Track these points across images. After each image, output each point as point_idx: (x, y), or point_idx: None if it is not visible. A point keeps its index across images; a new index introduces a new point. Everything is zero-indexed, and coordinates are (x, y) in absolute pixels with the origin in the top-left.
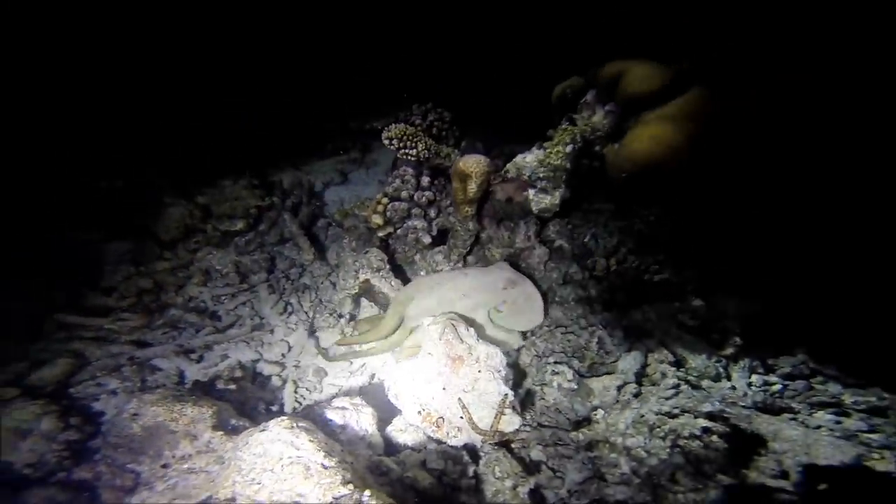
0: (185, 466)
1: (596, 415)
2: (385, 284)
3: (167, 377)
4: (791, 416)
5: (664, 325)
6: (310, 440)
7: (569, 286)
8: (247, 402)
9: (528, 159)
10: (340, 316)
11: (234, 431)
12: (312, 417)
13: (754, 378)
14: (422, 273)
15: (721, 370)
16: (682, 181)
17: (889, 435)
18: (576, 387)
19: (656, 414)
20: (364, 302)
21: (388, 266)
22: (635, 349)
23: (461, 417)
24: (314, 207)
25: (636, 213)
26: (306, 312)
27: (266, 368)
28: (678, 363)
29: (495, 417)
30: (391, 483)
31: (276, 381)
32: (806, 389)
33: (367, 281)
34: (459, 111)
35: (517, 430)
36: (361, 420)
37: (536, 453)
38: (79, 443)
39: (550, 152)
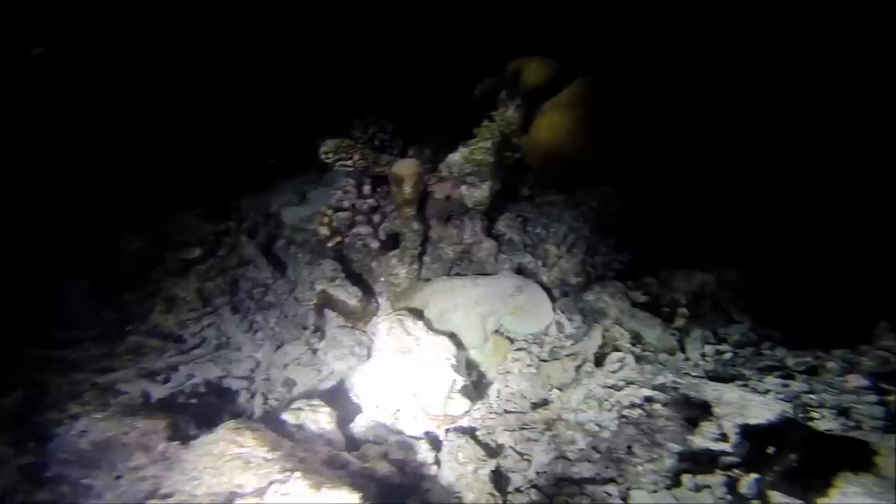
0: (138, 475)
1: (551, 394)
2: (342, 293)
3: (131, 399)
4: (742, 382)
5: (618, 303)
6: (254, 438)
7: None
8: (212, 414)
9: (455, 157)
10: (305, 328)
11: (192, 440)
12: (269, 421)
13: (707, 348)
14: (381, 280)
15: (675, 343)
16: (586, 164)
17: (820, 392)
18: (534, 371)
19: (604, 388)
20: (329, 313)
21: (343, 275)
22: (593, 330)
23: (414, 407)
24: (272, 228)
25: (583, 199)
26: (272, 328)
27: (234, 383)
28: (635, 339)
29: (444, 402)
30: (351, 475)
31: (244, 394)
32: (754, 355)
33: (323, 292)
34: (409, 122)
35: (467, 412)
36: (319, 419)
37: (504, 438)
38: (35, 466)
39: (473, 149)
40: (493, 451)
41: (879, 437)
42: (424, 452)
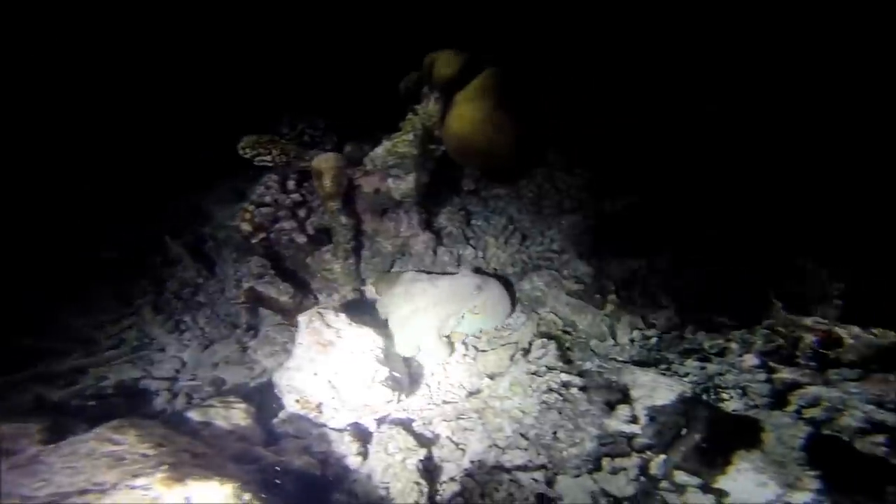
0: None
1: (482, 383)
2: (272, 290)
3: (20, 404)
4: (665, 366)
5: (553, 292)
6: (136, 435)
7: (462, 268)
8: (118, 416)
9: (379, 151)
10: (236, 326)
11: None
12: (173, 420)
13: (635, 333)
14: (318, 275)
15: (606, 329)
16: (496, 153)
17: (726, 373)
18: (472, 361)
19: (527, 374)
20: (264, 312)
21: (272, 272)
22: (529, 319)
23: (335, 400)
24: (203, 227)
25: (522, 192)
26: (201, 328)
27: (154, 384)
28: (569, 327)
29: (359, 392)
30: (262, 469)
31: (165, 395)
32: (677, 339)
33: (251, 289)
34: (348, 118)
35: (390, 402)
36: (232, 415)
37: (441, 428)
38: None
39: (396, 142)
40: (428, 441)
41: (767, 414)
42: (348, 444)
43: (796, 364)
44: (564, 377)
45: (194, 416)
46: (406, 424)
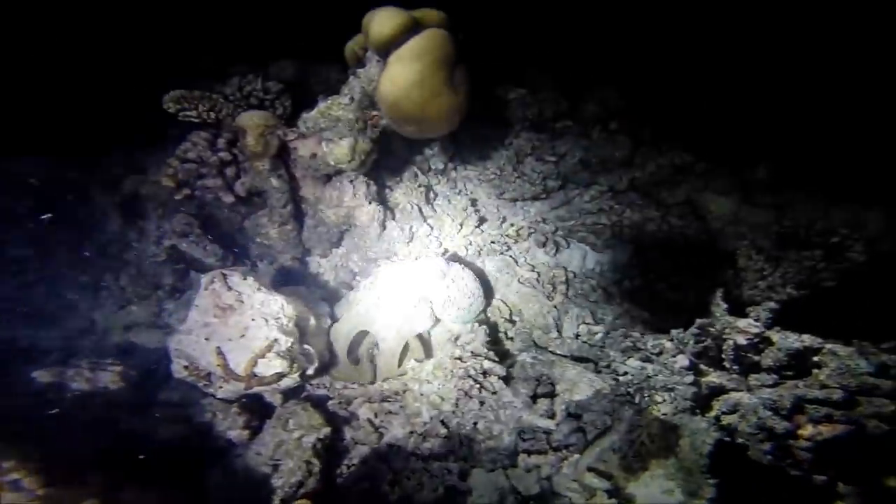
0: None
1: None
2: (198, 250)
3: None
4: (606, 363)
5: (504, 278)
6: None
7: (411, 245)
8: None
9: (312, 113)
10: (157, 287)
11: None
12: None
13: (582, 328)
14: (256, 240)
15: (552, 320)
16: (426, 118)
17: (657, 374)
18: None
19: (451, 358)
20: (193, 274)
21: (197, 231)
22: None
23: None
24: (138, 184)
25: (484, 173)
26: (122, 288)
27: (51, 344)
28: (515, 315)
29: (248, 361)
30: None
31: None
32: (623, 337)
33: (173, 247)
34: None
35: (280, 374)
36: (100, 378)
37: (363, 411)
38: None
39: (331, 104)
40: (342, 421)
41: (689, 419)
42: (234, 417)
43: (723, 368)
44: (487, 364)
45: (42, 377)
46: (318, 402)
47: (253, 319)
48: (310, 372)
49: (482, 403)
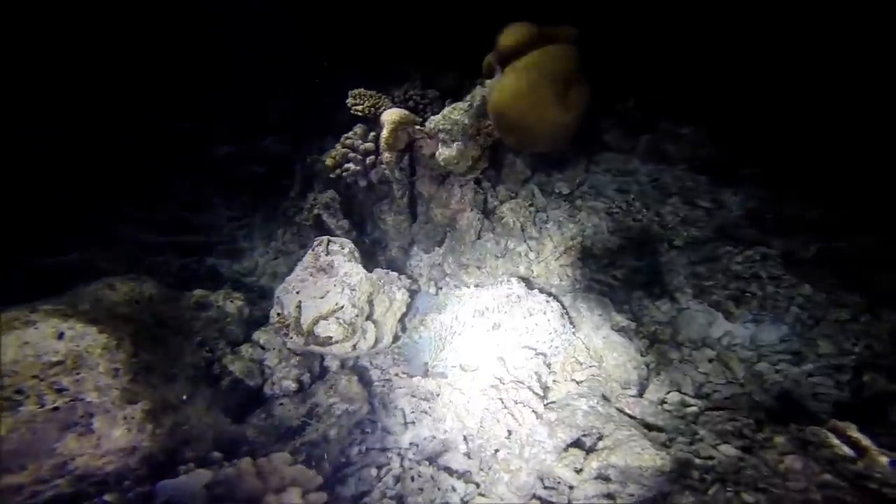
0: None
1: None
2: (332, 221)
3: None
4: (687, 439)
5: (595, 320)
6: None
7: (501, 261)
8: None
9: (437, 116)
10: (302, 246)
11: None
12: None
13: (672, 396)
14: (378, 223)
15: (637, 378)
16: (532, 131)
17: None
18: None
19: (493, 376)
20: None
21: (337, 206)
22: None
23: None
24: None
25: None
26: (284, 242)
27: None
28: (593, 361)
29: (312, 320)
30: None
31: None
32: (726, 421)
33: (318, 216)
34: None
35: (332, 338)
36: (226, 305)
37: (403, 402)
38: None
39: (454, 108)
40: (379, 403)
41: None
42: (290, 367)
43: None
44: (525, 395)
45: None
46: (368, 379)
47: (335, 285)
48: (363, 347)
49: (510, 433)
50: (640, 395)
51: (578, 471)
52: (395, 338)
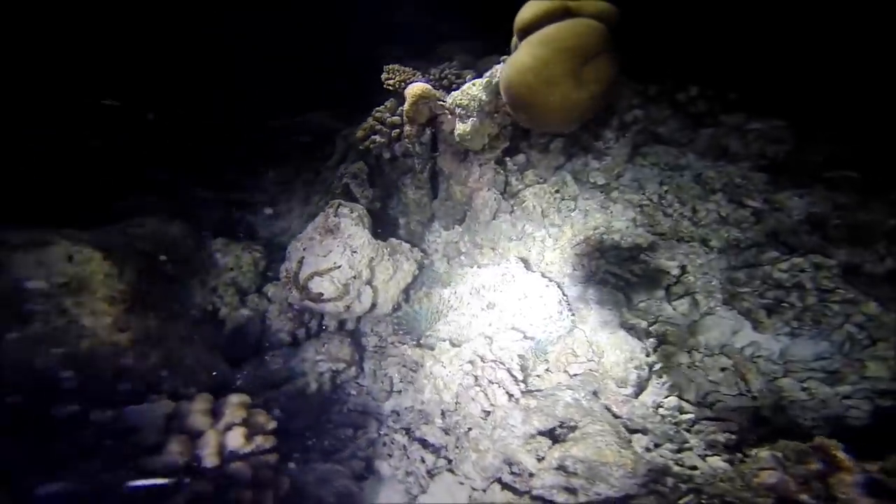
0: None
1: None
2: (358, 190)
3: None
4: (675, 446)
5: (605, 315)
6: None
7: (515, 243)
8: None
9: (457, 91)
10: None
11: None
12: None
13: (670, 401)
14: (400, 196)
15: (635, 378)
16: (541, 108)
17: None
18: None
19: (474, 353)
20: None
21: (364, 176)
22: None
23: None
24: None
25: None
26: (318, 206)
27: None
28: (592, 355)
29: (307, 275)
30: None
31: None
32: (721, 432)
33: (346, 185)
34: None
35: (322, 295)
36: (243, 257)
37: (393, 370)
38: None
39: (474, 84)
40: (369, 368)
41: None
42: (286, 321)
43: None
44: (502, 375)
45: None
46: (362, 344)
47: (338, 246)
48: (356, 309)
49: (487, 414)
50: (636, 395)
51: (540, 459)
52: (398, 307)
